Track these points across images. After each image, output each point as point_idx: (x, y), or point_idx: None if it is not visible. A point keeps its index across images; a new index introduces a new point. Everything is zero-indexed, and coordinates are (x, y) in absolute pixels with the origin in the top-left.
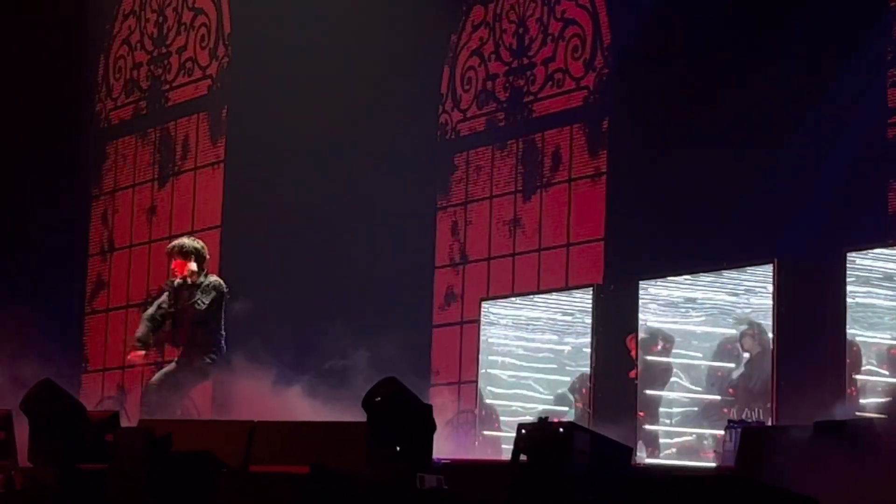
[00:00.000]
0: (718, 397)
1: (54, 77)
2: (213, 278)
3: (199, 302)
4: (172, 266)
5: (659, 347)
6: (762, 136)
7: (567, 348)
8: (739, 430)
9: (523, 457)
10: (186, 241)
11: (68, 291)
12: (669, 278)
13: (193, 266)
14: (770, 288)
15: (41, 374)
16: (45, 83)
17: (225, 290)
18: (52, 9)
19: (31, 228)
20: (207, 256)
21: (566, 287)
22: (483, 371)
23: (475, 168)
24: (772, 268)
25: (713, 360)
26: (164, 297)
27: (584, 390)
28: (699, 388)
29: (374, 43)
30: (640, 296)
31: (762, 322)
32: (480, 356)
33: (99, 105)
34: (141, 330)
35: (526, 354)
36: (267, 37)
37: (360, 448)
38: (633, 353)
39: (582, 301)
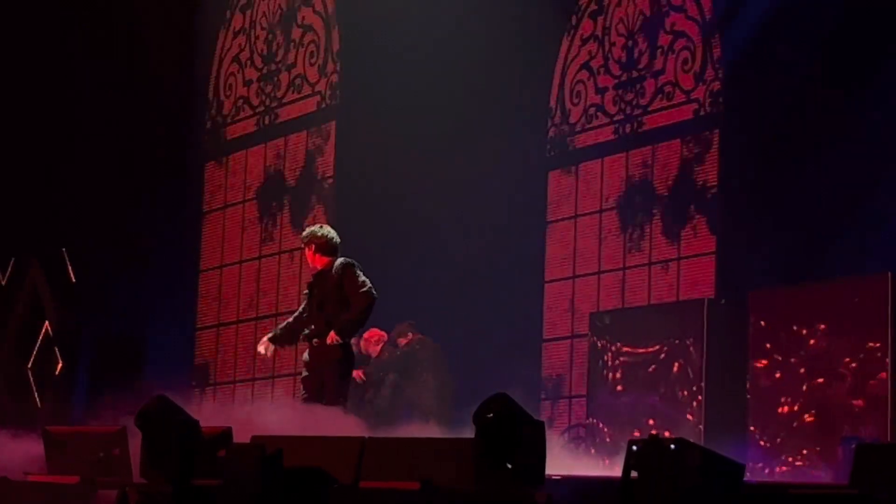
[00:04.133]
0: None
1: (165, 95)
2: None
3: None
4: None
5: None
6: (875, 146)
7: (678, 362)
8: (854, 445)
9: (634, 473)
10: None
11: (182, 307)
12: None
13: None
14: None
15: (156, 391)
16: (156, 101)
17: None
18: (162, 27)
19: (143, 246)
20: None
21: (677, 301)
22: (593, 385)
23: (584, 181)
24: (888, 279)
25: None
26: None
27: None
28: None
29: (482, 57)
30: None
31: None
32: (590, 370)
33: (209, 122)
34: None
35: (636, 369)
36: (375, 52)
37: (470, 464)
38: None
39: (693, 314)
